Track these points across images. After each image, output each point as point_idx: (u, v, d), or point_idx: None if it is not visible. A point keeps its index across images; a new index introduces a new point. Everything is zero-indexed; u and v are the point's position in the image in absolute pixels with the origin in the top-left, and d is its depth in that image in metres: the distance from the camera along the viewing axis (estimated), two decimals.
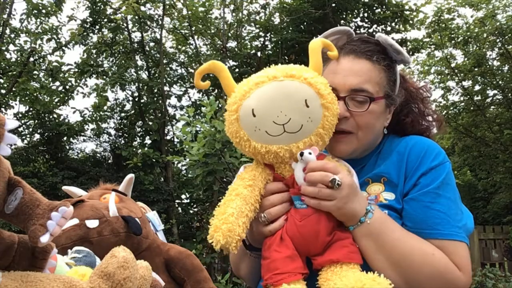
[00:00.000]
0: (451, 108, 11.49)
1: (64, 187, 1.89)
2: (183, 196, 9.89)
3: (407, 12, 9.02)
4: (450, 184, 1.18)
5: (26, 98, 9.47)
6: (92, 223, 1.48)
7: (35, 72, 9.32)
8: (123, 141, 10.49)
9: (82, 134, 10.63)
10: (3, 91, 9.22)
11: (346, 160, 1.24)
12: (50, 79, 9.48)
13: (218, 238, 1.04)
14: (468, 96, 11.05)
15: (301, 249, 1.09)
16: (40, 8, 8.92)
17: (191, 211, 9.59)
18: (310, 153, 1.08)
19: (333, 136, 1.18)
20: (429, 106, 1.39)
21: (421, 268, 1.08)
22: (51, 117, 9.83)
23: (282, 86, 1.08)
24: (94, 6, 9.26)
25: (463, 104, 11.43)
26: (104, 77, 9.61)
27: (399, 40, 9.89)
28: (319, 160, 1.11)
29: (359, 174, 1.24)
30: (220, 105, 5.00)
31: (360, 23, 9.27)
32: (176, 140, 9.99)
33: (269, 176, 1.16)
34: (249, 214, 1.07)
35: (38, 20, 9.09)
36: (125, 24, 9.57)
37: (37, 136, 10.14)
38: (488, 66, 10.47)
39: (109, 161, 10.80)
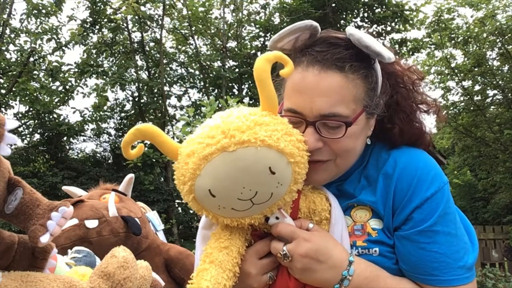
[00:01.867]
0: (451, 108, 11.49)
1: (64, 187, 1.89)
2: None
3: (407, 12, 9.04)
4: (449, 213, 1.00)
5: (26, 98, 9.47)
6: (92, 223, 1.48)
7: (35, 72, 9.32)
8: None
9: (82, 134, 10.64)
10: (3, 91, 9.22)
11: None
12: (50, 79, 9.48)
13: None
14: (468, 96, 11.05)
15: None
16: (40, 8, 8.93)
17: (191, 211, 9.58)
18: (277, 218, 0.98)
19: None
20: (420, 91, 1.13)
21: None
22: (51, 117, 9.84)
23: (236, 159, 0.87)
24: (94, 6, 9.27)
25: (463, 104, 11.43)
26: (104, 77, 9.62)
27: (399, 40, 9.91)
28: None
29: (340, 189, 1.09)
30: (220, 105, 5.00)
31: (360, 23, 9.28)
32: (176, 140, 9.99)
33: (247, 231, 1.02)
34: (227, 284, 0.94)
35: (38, 20, 9.10)
36: (125, 24, 9.58)
37: (37, 136, 10.16)
38: (488, 66, 10.47)
39: (109, 161, 10.81)
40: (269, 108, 0.93)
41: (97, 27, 9.61)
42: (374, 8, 8.96)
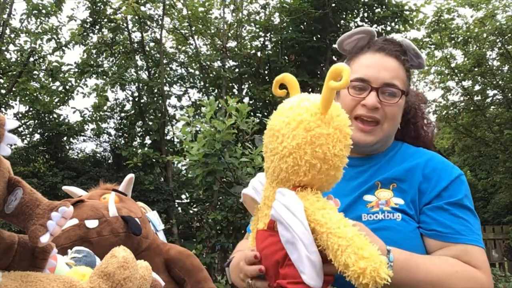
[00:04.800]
0: (451, 108, 11.47)
1: (64, 187, 1.88)
2: (183, 196, 9.88)
3: (407, 12, 9.02)
4: (469, 196, 1.27)
5: (26, 98, 9.46)
6: (92, 223, 1.47)
7: (35, 72, 9.31)
8: (123, 141, 10.48)
9: (82, 134, 10.62)
10: (3, 91, 9.22)
11: (359, 158, 1.34)
12: (50, 79, 9.47)
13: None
14: (468, 96, 11.03)
15: None
16: (40, 8, 8.92)
17: (191, 211, 9.58)
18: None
19: (359, 126, 1.29)
20: (425, 111, 1.50)
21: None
22: (51, 117, 9.82)
23: None
24: (94, 6, 9.26)
25: (463, 104, 11.40)
26: (104, 77, 9.61)
27: None
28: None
29: (370, 172, 1.31)
30: (220, 105, 5.00)
31: (360, 23, 9.27)
32: (176, 140, 9.98)
33: None
34: None
35: (38, 20, 9.08)
36: (125, 24, 9.56)
37: (37, 136, 10.14)
38: (488, 66, 10.45)
39: (109, 161, 10.80)
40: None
41: (97, 27, 9.59)
42: (374, 8, 8.95)
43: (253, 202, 1.17)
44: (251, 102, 9.10)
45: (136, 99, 9.98)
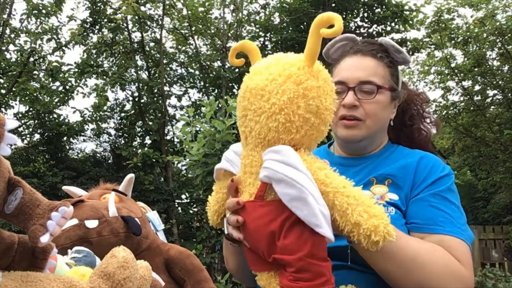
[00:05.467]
0: (451, 108, 11.48)
1: (64, 187, 1.88)
2: (183, 196, 9.89)
3: (407, 12, 9.02)
4: (454, 192, 1.26)
5: (26, 98, 9.47)
6: (92, 223, 1.47)
7: (35, 72, 9.32)
8: (123, 141, 10.49)
9: (82, 134, 10.63)
10: (3, 91, 9.22)
11: (355, 158, 1.37)
12: (50, 79, 9.48)
13: None
14: (468, 96, 11.04)
15: None
16: (40, 8, 8.92)
17: (191, 211, 9.59)
18: None
19: (343, 123, 1.31)
20: (426, 110, 1.51)
21: (431, 266, 1.09)
22: (51, 117, 9.83)
23: None
24: (94, 6, 9.27)
25: (463, 104, 11.41)
26: (104, 77, 9.61)
27: (399, 40, 9.91)
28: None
29: (366, 171, 1.33)
30: (220, 105, 5.00)
31: (360, 23, 9.28)
32: (176, 140, 10.00)
33: None
34: None
35: (38, 20, 9.09)
36: (125, 24, 9.57)
37: (37, 136, 10.15)
38: (488, 66, 10.45)
39: (109, 161, 10.81)
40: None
41: (97, 27, 9.60)
42: (374, 8, 8.95)
43: (229, 177, 1.07)
44: None
45: (136, 99, 9.99)
